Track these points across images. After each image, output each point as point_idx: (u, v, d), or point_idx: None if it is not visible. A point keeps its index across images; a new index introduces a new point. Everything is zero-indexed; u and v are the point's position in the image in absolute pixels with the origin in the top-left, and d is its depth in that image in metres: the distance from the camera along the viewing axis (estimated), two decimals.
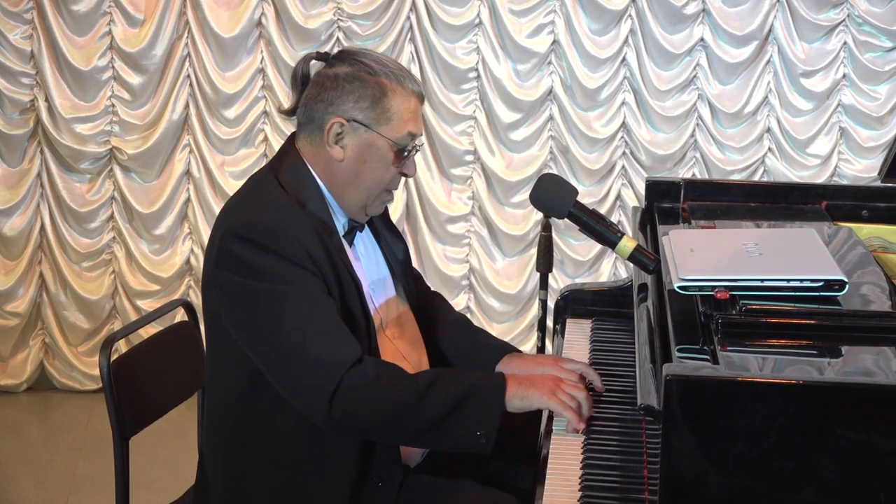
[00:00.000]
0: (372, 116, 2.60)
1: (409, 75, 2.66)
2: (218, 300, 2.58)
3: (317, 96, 2.64)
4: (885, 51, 5.29)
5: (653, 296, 2.67)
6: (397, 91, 2.62)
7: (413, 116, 2.64)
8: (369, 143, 2.62)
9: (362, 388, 2.46)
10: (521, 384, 2.55)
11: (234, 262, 2.52)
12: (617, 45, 5.32)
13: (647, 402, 2.17)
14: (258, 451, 2.61)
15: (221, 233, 2.57)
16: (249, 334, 2.53)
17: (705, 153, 5.40)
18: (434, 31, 5.32)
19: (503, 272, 5.57)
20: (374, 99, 2.60)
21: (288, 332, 2.48)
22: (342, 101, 2.61)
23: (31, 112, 5.37)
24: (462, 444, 2.53)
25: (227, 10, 5.32)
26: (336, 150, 2.62)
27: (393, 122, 2.61)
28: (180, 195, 5.48)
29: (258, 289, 2.50)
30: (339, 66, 2.65)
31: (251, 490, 2.63)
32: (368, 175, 2.64)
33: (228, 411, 2.66)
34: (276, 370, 2.51)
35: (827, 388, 1.96)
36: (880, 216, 3.22)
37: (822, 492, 1.91)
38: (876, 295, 2.42)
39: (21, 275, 5.48)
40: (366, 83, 2.60)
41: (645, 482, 2.34)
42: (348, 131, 2.61)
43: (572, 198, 2.76)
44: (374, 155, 2.63)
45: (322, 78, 2.66)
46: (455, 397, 2.49)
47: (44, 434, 5.27)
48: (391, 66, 2.64)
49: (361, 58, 2.64)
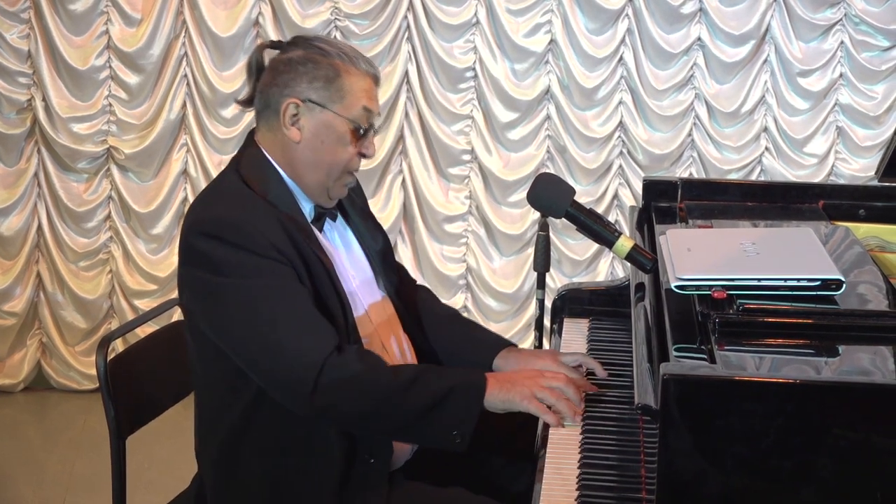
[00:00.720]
0: (326, 96, 2.61)
1: (363, 57, 2.67)
2: (188, 298, 2.59)
3: (271, 81, 2.65)
4: (882, 50, 5.29)
5: (650, 295, 2.67)
6: (351, 71, 2.63)
7: (367, 95, 2.65)
8: (325, 122, 2.62)
9: (344, 379, 2.46)
10: (502, 386, 2.55)
11: (199, 259, 2.52)
12: (614, 45, 5.32)
13: (644, 401, 2.17)
14: (247, 442, 2.62)
15: (185, 231, 2.57)
16: (223, 331, 2.53)
17: (702, 152, 5.40)
18: (431, 30, 5.32)
19: (500, 271, 5.57)
20: (327, 79, 2.61)
21: (261, 325, 2.48)
22: (296, 82, 2.62)
23: (28, 111, 5.37)
24: (438, 441, 2.54)
25: (225, 10, 5.32)
26: (293, 131, 2.63)
27: (347, 100, 2.62)
28: (177, 195, 5.48)
29: (225, 284, 2.50)
30: (293, 50, 2.66)
31: (244, 480, 2.64)
32: (327, 155, 2.64)
33: (215, 406, 2.67)
34: (253, 365, 2.51)
35: (824, 388, 1.96)
36: (877, 215, 3.22)
37: (819, 491, 1.91)
38: (873, 294, 2.43)
39: (18, 274, 5.48)
40: (319, 64, 2.62)
41: (642, 481, 2.35)
42: (304, 112, 2.62)
43: (569, 197, 2.76)
44: (331, 134, 2.63)
45: (276, 63, 2.67)
46: (435, 396, 2.49)
47: (41, 434, 5.27)
48: (345, 49, 2.65)
49: (315, 42, 2.66)
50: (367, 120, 2.66)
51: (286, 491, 2.62)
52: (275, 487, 2.62)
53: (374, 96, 2.67)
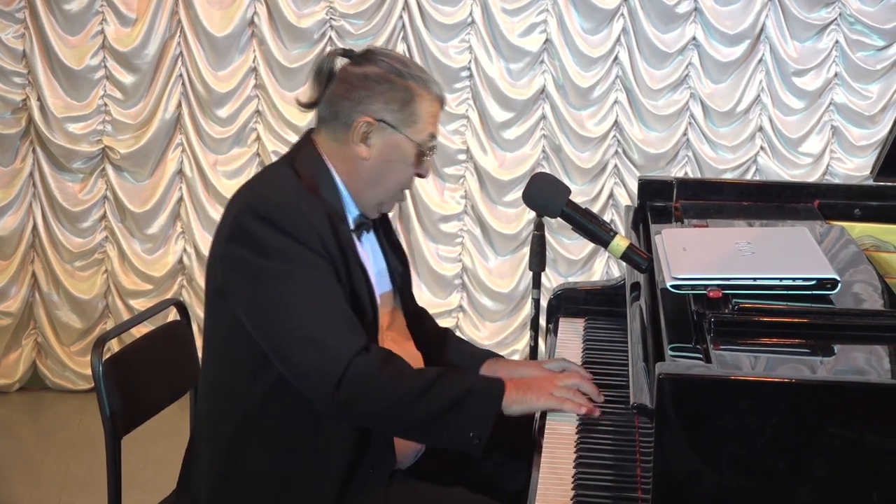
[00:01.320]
0: (399, 118, 2.63)
1: (434, 80, 2.70)
2: (225, 275, 2.58)
3: (344, 94, 2.65)
4: (877, 49, 5.29)
5: (645, 295, 2.67)
6: (424, 95, 2.65)
7: (435, 120, 2.68)
8: (395, 144, 2.64)
9: (368, 376, 2.48)
10: (519, 389, 2.58)
11: (246, 238, 2.54)
12: (609, 44, 5.32)
13: (639, 400, 2.18)
14: (255, 432, 2.62)
15: (237, 209, 2.59)
16: (257, 313, 2.54)
17: (697, 152, 5.40)
18: (426, 30, 5.32)
19: (496, 271, 5.57)
20: (402, 102, 2.63)
21: (296, 314, 2.50)
22: (372, 101, 2.63)
23: (24, 111, 5.37)
24: (455, 442, 2.55)
25: (220, 10, 5.31)
26: (362, 148, 2.64)
27: (418, 125, 2.65)
28: (173, 194, 5.47)
29: (267, 268, 2.52)
30: (368, 65, 2.66)
31: (245, 473, 2.64)
32: (390, 175, 2.67)
33: (228, 391, 2.67)
34: (280, 351, 2.52)
35: (819, 387, 1.96)
36: (872, 215, 3.23)
37: (814, 490, 1.92)
38: (868, 294, 2.43)
39: (13, 274, 5.47)
40: (395, 85, 2.63)
41: (638, 481, 2.35)
42: (376, 131, 2.64)
43: (565, 197, 2.76)
44: (398, 155, 2.65)
45: (350, 76, 2.67)
46: (455, 396, 2.51)
47: (36, 434, 5.26)
48: (417, 70, 2.68)
49: (389, 59, 2.67)
50: (431, 143, 2.69)
51: (286, 486, 2.62)
52: (276, 482, 2.62)
53: (438, 120, 2.71)
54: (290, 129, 5.36)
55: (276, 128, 5.38)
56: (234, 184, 5.42)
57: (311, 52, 5.33)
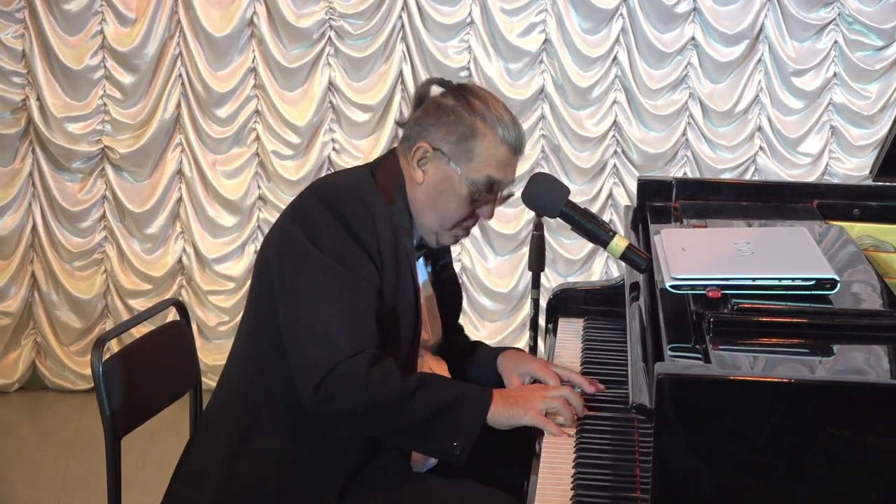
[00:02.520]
0: (455, 151, 2.65)
1: (510, 125, 2.68)
2: (278, 246, 2.63)
3: (419, 118, 2.71)
4: (876, 49, 5.30)
5: (645, 295, 2.67)
6: (488, 136, 2.65)
7: (498, 164, 2.67)
8: (447, 175, 2.67)
9: (350, 377, 2.49)
10: (507, 401, 2.58)
11: (305, 218, 2.59)
12: (608, 44, 5.32)
13: (638, 400, 2.18)
14: (269, 416, 2.65)
15: (309, 190, 2.66)
16: (284, 290, 2.58)
17: (696, 152, 5.41)
18: (426, 30, 5.32)
19: (495, 271, 5.57)
20: (462, 136, 2.65)
21: (315, 303, 2.53)
22: (435, 129, 2.67)
23: (23, 111, 5.37)
24: (437, 451, 2.58)
25: (219, 10, 5.32)
26: (417, 172, 2.68)
27: (474, 163, 2.65)
28: (172, 194, 5.48)
29: (312, 253, 2.56)
30: (448, 97, 2.71)
31: (255, 455, 2.65)
32: (441, 205, 2.69)
33: (253, 368, 2.70)
34: (288, 334, 2.56)
35: (818, 387, 1.96)
36: (872, 215, 3.22)
37: (814, 490, 1.92)
38: (867, 294, 2.43)
39: (13, 274, 5.47)
40: (461, 119, 2.65)
41: (637, 481, 2.35)
42: (431, 158, 2.67)
43: (564, 197, 2.76)
44: (449, 188, 2.67)
45: (430, 102, 2.73)
46: (439, 405, 2.52)
47: (35, 434, 5.27)
48: (496, 113, 2.67)
49: (470, 96, 2.69)
50: (488, 187, 2.68)
51: (292, 474, 2.63)
52: (283, 468, 2.64)
53: (506, 166, 2.69)
54: (290, 129, 5.37)
55: (276, 127, 5.38)
56: (234, 184, 5.43)
57: (310, 52, 5.34)
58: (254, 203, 5.48)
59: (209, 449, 2.73)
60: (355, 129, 5.43)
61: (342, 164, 5.38)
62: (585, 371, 2.92)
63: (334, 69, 5.38)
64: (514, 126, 2.70)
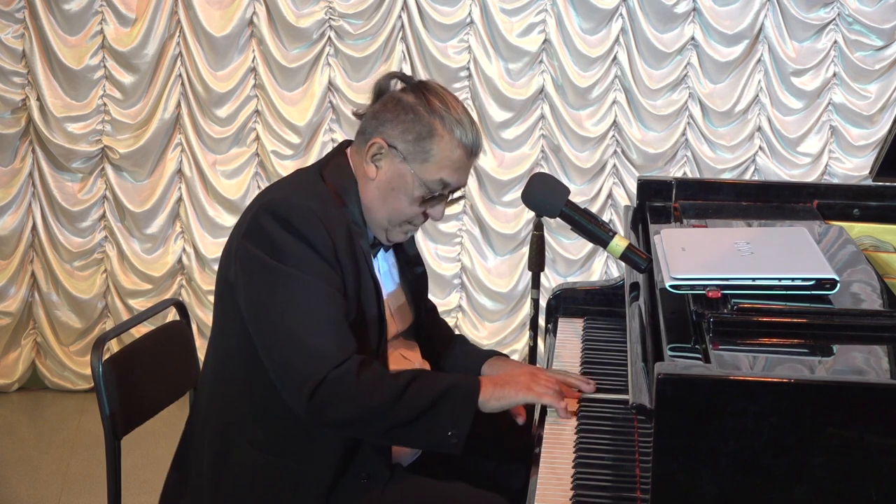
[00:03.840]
0: (410, 150, 2.64)
1: (468, 127, 2.67)
2: (236, 271, 2.60)
3: (377, 113, 2.70)
4: (876, 49, 5.30)
5: (644, 295, 2.67)
6: (445, 137, 2.64)
7: (452, 166, 2.66)
8: (400, 173, 2.65)
9: (342, 384, 2.49)
10: (496, 385, 2.60)
11: (261, 237, 2.57)
12: (608, 44, 5.32)
13: (638, 400, 2.18)
14: (247, 429, 2.65)
15: (258, 206, 2.62)
16: (256, 310, 2.57)
17: (696, 152, 5.41)
18: (425, 30, 5.32)
19: (495, 271, 5.57)
20: (419, 136, 2.64)
21: (293, 317, 2.52)
22: (392, 125, 2.66)
23: (23, 111, 5.36)
24: (433, 443, 2.58)
25: (219, 10, 5.32)
26: (371, 167, 2.68)
27: (428, 164, 2.65)
28: (172, 194, 5.48)
29: (276, 269, 2.54)
30: (409, 94, 2.69)
31: (235, 469, 2.66)
32: (392, 202, 2.68)
33: (226, 387, 2.70)
34: (271, 351, 2.55)
35: (818, 387, 1.96)
36: (871, 215, 3.23)
37: (813, 490, 1.92)
38: (867, 294, 2.43)
39: (13, 274, 5.47)
40: (420, 118, 2.64)
41: (637, 481, 2.35)
42: (386, 155, 2.66)
43: (564, 197, 2.76)
44: (402, 186, 2.66)
45: (389, 98, 2.71)
46: (430, 398, 2.53)
47: (35, 434, 5.26)
48: (455, 115, 2.66)
49: (431, 95, 2.68)
50: (441, 188, 2.68)
51: (272, 488, 2.64)
52: (261, 483, 2.64)
53: (460, 169, 2.68)
54: (289, 129, 5.37)
55: (276, 127, 5.38)
56: (234, 184, 5.43)
57: (310, 52, 5.34)
58: None
59: (195, 464, 2.75)
60: (355, 129, 5.41)
61: None
62: (585, 371, 2.93)
63: (334, 69, 5.38)
64: (472, 128, 2.68)
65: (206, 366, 2.80)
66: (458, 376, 2.67)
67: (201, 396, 2.81)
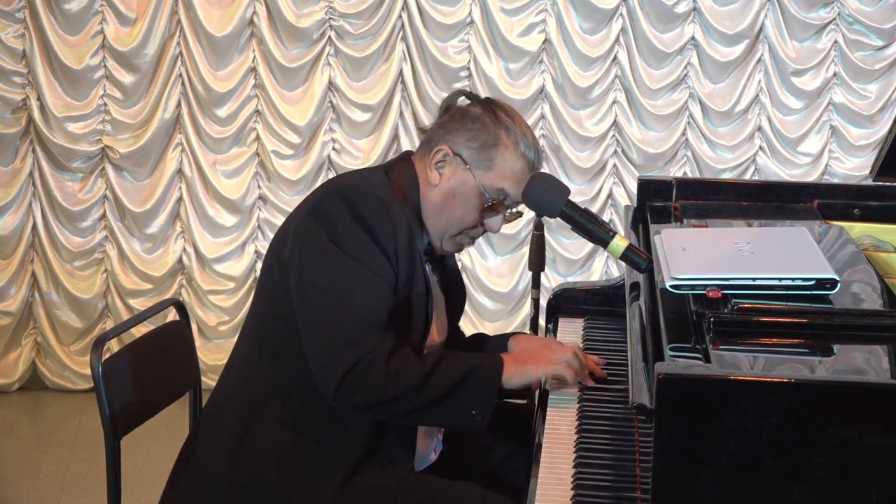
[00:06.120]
0: (475, 158, 2.68)
1: (531, 143, 2.73)
2: (294, 245, 2.63)
3: (443, 124, 2.75)
4: (876, 49, 5.30)
5: (645, 295, 2.67)
6: (510, 147, 2.69)
7: (514, 177, 2.70)
8: (463, 180, 2.69)
9: (371, 369, 2.51)
10: (517, 361, 2.64)
11: (325, 218, 2.60)
12: (608, 44, 5.32)
13: (639, 400, 2.18)
14: (279, 409, 2.67)
15: (326, 190, 2.68)
16: (306, 288, 2.59)
17: (696, 152, 5.41)
18: (426, 29, 5.32)
19: (495, 271, 5.57)
20: (484, 143, 2.68)
21: (338, 302, 2.55)
22: (458, 133, 2.70)
23: (23, 111, 5.36)
24: (458, 423, 2.61)
25: (219, 9, 5.32)
26: (434, 174, 2.71)
27: (491, 173, 2.69)
28: (172, 194, 5.48)
29: (333, 252, 2.57)
30: (475, 106, 2.75)
31: (257, 445, 2.67)
32: (451, 209, 2.71)
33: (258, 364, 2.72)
34: (312, 331, 2.57)
35: (818, 387, 1.96)
36: (872, 215, 3.23)
37: (813, 489, 1.92)
38: (867, 293, 2.43)
39: (13, 274, 5.47)
40: (486, 128, 2.69)
41: (637, 481, 2.35)
42: (450, 162, 2.70)
43: (564, 197, 2.76)
44: (463, 193, 2.70)
45: (456, 110, 2.77)
46: (454, 379, 2.56)
47: (35, 433, 5.27)
48: (520, 129, 2.72)
49: (499, 109, 2.74)
50: (500, 199, 2.72)
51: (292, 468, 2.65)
52: (283, 462, 2.65)
53: (520, 181, 2.72)
54: (290, 129, 5.37)
55: (276, 127, 5.39)
56: (234, 183, 5.43)
57: (310, 52, 5.34)
58: (254, 203, 5.48)
59: (212, 444, 2.74)
60: (355, 129, 5.44)
61: (342, 163, 5.39)
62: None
63: (334, 69, 5.38)
64: (535, 145, 2.74)
65: (236, 351, 2.82)
66: (481, 356, 2.72)
67: (226, 384, 2.81)
